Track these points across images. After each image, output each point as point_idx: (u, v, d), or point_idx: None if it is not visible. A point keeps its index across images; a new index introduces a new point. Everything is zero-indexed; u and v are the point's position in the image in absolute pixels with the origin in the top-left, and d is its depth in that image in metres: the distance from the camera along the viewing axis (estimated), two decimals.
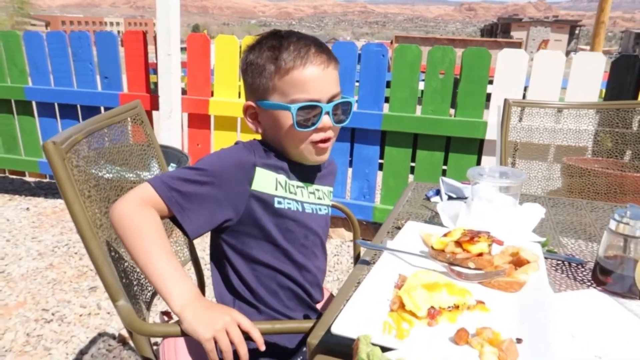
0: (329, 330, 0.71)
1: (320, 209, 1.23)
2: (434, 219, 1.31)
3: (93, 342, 2.32)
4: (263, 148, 1.14)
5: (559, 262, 1.07)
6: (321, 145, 1.14)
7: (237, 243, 1.13)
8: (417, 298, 0.76)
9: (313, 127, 1.10)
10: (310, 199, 1.20)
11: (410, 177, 3.40)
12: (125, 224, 1.01)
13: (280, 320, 1.05)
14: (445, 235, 1.02)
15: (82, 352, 2.24)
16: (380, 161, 3.47)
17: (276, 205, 1.11)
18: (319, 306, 1.31)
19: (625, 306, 0.88)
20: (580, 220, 1.37)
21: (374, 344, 0.62)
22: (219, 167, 1.07)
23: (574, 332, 0.77)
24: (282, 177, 1.13)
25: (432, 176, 3.28)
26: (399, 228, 1.21)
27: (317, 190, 1.24)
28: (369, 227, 3.58)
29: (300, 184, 1.18)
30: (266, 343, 1.02)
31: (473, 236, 0.98)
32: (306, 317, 1.20)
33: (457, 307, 0.78)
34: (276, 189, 1.12)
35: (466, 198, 1.42)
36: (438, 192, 1.49)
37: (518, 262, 0.95)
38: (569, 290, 0.93)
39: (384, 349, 0.63)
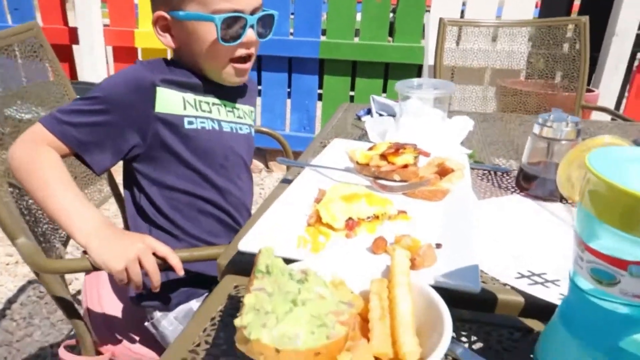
0: (240, 250, 0.65)
1: (240, 128, 1.15)
2: (363, 137, 1.26)
3: (22, 290, 2.20)
4: (167, 66, 1.03)
5: (485, 171, 1.06)
6: (241, 66, 1.04)
7: (149, 170, 1.04)
8: (335, 210, 0.71)
9: (237, 42, 0.99)
10: (229, 117, 1.11)
11: None
12: (20, 167, 0.93)
13: (199, 247, 0.99)
14: (370, 149, 0.97)
15: (11, 301, 2.13)
16: (320, 91, 3.38)
17: (187, 126, 1.02)
18: None
19: (546, 208, 0.88)
20: (509, 133, 1.36)
21: (285, 259, 0.57)
22: (114, 92, 0.96)
23: (496, 236, 0.76)
24: (189, 96, 1.03)
25: None
26: (325, 145, 1.16)
27: (236, 108, 1.15)
28: None
29: (216, 101, 1.09)
30: (187, 272, 0.96)
31: (398, 148, 0.94)
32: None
33: (377, 217, 0.74)
34: (185, 109, 1.02)
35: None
36: (369, 112, 1.43)
37: (443, 171, 0.92)
38: (493, 197, 0.92)
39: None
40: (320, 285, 0.46)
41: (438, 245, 0.68)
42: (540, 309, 0.60)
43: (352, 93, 3.32)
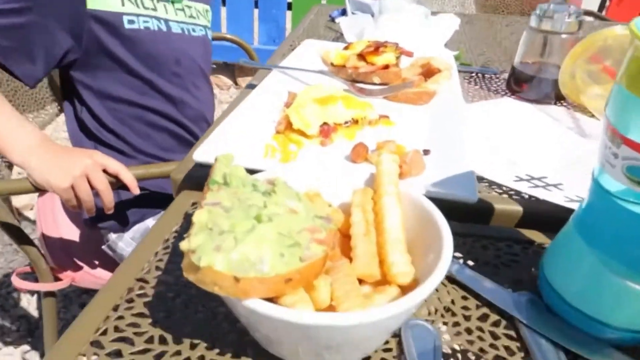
0: (196, 161, 0.55)
1: (193, 30, 1.00)
2: (338, 39, 1.13)
3: None
4: None
5: (472, 74, 0.96)
6: None
7: (89, 79, 0.91)
8: (307, 114, 0.61)
9: None
10: (179, 16, 0.96)
11: None
12: None
13: (156, 164, 0.89)
14: (346, 48, 0.86)
15: None
16: (289, 0, 3.14)
17: (127, 25, 0.87)
18: None
19: (542, 111, 0.80)
20: (496, 34, 1.25)
21: (248, 171, 0.48)
22: None
23: (489, 140, 0.68)
24: None
25: None
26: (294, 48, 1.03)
27: (188, 7, 1.00)
28: None
29: (168, 5, 0.93)
30: (142, 190, 0.87)
31: (378, 47, 0.82)
32: None
33: (355, 122, 0.64)
34: (123, 5, 0.87)
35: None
36: (344, 12, 1.29)
37: (428, 72, 0.82)
38: (483, 101, 0.83)
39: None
40: (292, 197, 0.37)
41: (426, 152, 0.59)
42: (542, 219, 0.53)
43: (324, 1, 3.09)
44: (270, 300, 0.31)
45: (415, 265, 0.37)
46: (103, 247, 1.01)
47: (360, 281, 0.37)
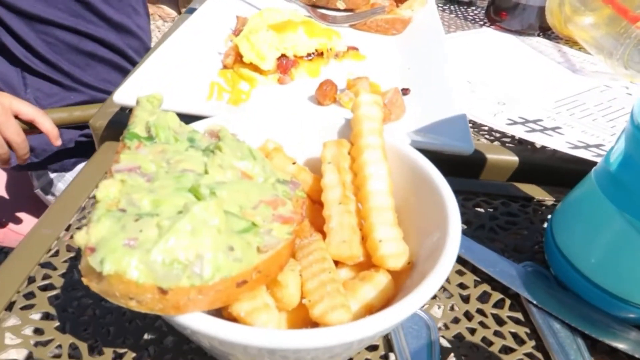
0: (117, 103, 0.43)
1: None
2: None
3: None
4: None
5: (446, 2, 0.85)
6: None
7: None
8: (261, 44, 0.50)
9: None
10: None
11: None
12: None
13: (82, 106, 0.75)
14: None
15: None
16: None
17: None
18: None
19: (525, 43, 0.71)
20: None
21: (185, 117, 0.37)
22: None
23: (472, 77, 0.59)
24: None
25: None
26: None
27: None
28: None
29: None
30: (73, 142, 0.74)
31: None
32: None
33: (320, 54, 0.53)
34: None
35: None
36: None
37: None
38: (460, 31, 0.73)
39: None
40: (244, 155, 0.27)
41: (405, 91, 0.50)
42: (542, 170, 0.46)
43: None
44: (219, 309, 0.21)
45: (408, 240, 0.28)
46: (36, 190, 0.88)
47: (337, 262, 0.29)
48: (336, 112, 0.46)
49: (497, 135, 0.49)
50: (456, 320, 0.32)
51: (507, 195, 0.43)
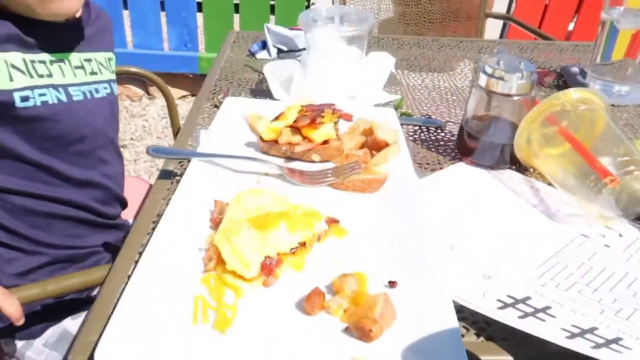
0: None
1: (97, 90, 0.84)
2: (262, 84, 1.00)
3: None
4: None
5: (416, 127, 0.87)
6: None
7: None
8: (243, 248, 0.49)
9: None
10: (79, 77, 0.79)
11: (236, 18, 2.93)
12: None
13: (56, 278, 0.72)
14: (276, 118, 0.73)
15: None
16: (199, 0, 2.91)
17: (20, 104, 0.69)
18: (125, 214, 0.99)
19: (499, 179, 0.72)
20: (429, 63, 1.17)
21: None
22: None
23: (453, 241, 0.59)
24: (14, 56, 0.70)
25: (260, 16, 2.86)
26: (217, 107, 0.89)
27: (88, 60, 0.82)
28: (197, 81, 3.13)
29: (52, 57, 0.75)
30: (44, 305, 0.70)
31: (314, 117, 0.71)
32: (106, 244, 0.88)
33: (303, 244, 0.53)
34: (12, 80, 0.69)
35: (300, 50, 1.12)
36: (264, 45, 1.15)
37: (374, 144, 0.72)
38: (433, 169, 0.74)
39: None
40: None
41: (392, 284, 0.49)
42: None
43: (236, 1, 2.91)
44: None
45: None
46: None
47: None
48: (326, 323, 0.45)
49: (489, 319, 0.49)
50: None
51: None
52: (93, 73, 0.84)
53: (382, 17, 2.10)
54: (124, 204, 0.96)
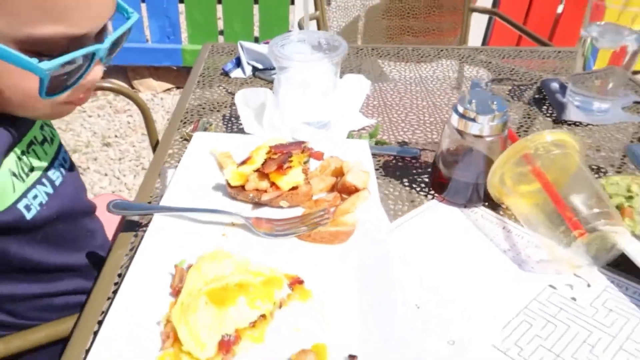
0: None
1: (64, 160, 0.78)
2: (234, 108, 0.98)
3: None
4: None
5: (390, 156, 0.86)
6: (70, 107, 0.65)
7: None
8: (201, 328, 0.48)
9: (73, 86, 0.60)
10: (49, 153, 0.73)
11: (219, 8, 2.87)
12: None
13: (21, 333, 0.69)
14: (244, 162, 0.72)
15: None
16: None
17: (28, 216, 0.64)
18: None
19: (471, 219, 0.71)
20: (408, 79, 1.15)
21: None
22: None
23: (420, 300, 0.58)
24: (11, 160, 0.63)
25: (244, 4, 2.80)
26: (187, 140, 0.87)
27: (54, 134, 0.78)
28: (181, 73, 3.08)
29: (32, 139, 0.70)
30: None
31: (283, 161, 0.69)
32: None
33: (263, 316, 0.52)
34: (14, 190, 0.62)
35: (274, 69, 1.09)
36: (238, 63, 1.12)
37: (344, 188, 0.71)
38: (407, 206, 0.73)
39: None
40: None
41: (352, 359, 0.49)
42: None
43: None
44: None
45: None
46: None
47: None
48: None
49: None
50: None
51: None
52: (52, 139, 0.75)
53: (367, 13, 2.06)
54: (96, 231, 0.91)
